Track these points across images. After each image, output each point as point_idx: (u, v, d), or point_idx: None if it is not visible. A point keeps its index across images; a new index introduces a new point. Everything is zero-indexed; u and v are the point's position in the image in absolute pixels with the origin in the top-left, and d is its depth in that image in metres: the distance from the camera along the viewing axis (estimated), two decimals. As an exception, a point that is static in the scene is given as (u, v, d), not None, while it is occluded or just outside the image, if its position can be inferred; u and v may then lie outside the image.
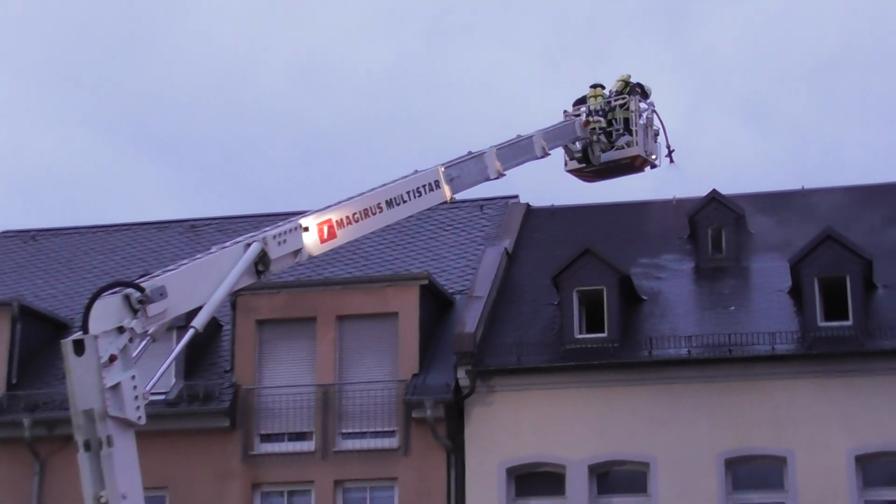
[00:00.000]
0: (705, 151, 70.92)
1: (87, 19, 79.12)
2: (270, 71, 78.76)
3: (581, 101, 28.22)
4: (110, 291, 15.90)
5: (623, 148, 27.65)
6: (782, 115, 75.12)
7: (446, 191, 22.70)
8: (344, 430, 30.54)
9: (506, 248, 34.20)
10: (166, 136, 78.12)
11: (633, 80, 28.95)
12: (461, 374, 29.72)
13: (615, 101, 27.57)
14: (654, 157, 28.29)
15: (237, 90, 78.59)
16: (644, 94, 28.41)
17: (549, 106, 25.66)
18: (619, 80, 28.55)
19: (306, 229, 19.45)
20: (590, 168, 27.76)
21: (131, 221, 40.72)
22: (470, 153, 23.77)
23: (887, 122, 70.52)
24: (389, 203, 21.31)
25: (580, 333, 30.27)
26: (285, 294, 31.51)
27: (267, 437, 30.92)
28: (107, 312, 15.66)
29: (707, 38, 76.79)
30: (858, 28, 74.05)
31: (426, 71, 78.73)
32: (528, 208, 37.02)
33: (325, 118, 75.91)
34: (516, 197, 37.54)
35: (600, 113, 27.40)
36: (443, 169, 22.72)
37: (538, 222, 36.32)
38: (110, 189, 76.05)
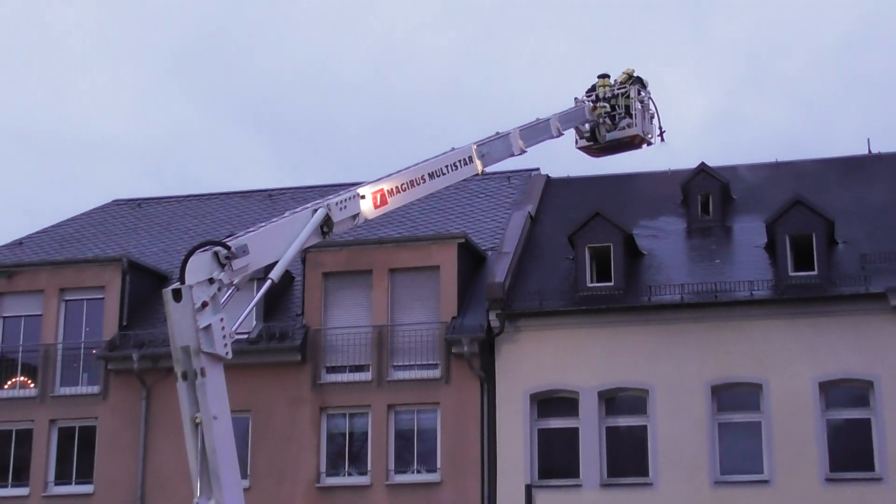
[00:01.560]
0: (736, 127, 70.53)
1: (201, 14, 79.48)
2: (353, 58, 78.65)
3: (592, 89, 28.18)
4: (202, 249, 15.94)
5: (624, 129, 27.57)
6: (801, 91, 74.22)
7: (478, 165, 22.51)
8: (395, 363, 30.75)
9: (529, 212, 34.29)
10: (265, 114, 78.14)
11: (637, 74, 28.80)
12: (492, 316, 29.90)
13: (618, 90, 27.52)
14: (649, 136, 28.14)
15: (325, 74, 78.48)
16: (643, 84, 28.34)
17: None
18: (623, 73, 28.45)
19: (363, 197, 19.34)
20: (597, 145, 27.60)
21: (219, 191, 40.94)
22: (497, 133, 23.61)
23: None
24: (431, 175, 21.14)
25: (591, 283, 30.38)
26: (346, 251, 31.68)
27: (332, 369, 31.13)
28: (199, 266, 15.71)
29: (732, 23, 75.90)
30: (877, 8, 71.89)
31: (485, 55, 78.50)
32: (548, 179, 37.00)
33: (398, 98, 75.77)
34: (538, 169, 37.52)
35: (605, 100, 27.37)
36: (475, 147, 22.57)
37: (556, 190, 36.31)
38: (215, 161, 76.28)
